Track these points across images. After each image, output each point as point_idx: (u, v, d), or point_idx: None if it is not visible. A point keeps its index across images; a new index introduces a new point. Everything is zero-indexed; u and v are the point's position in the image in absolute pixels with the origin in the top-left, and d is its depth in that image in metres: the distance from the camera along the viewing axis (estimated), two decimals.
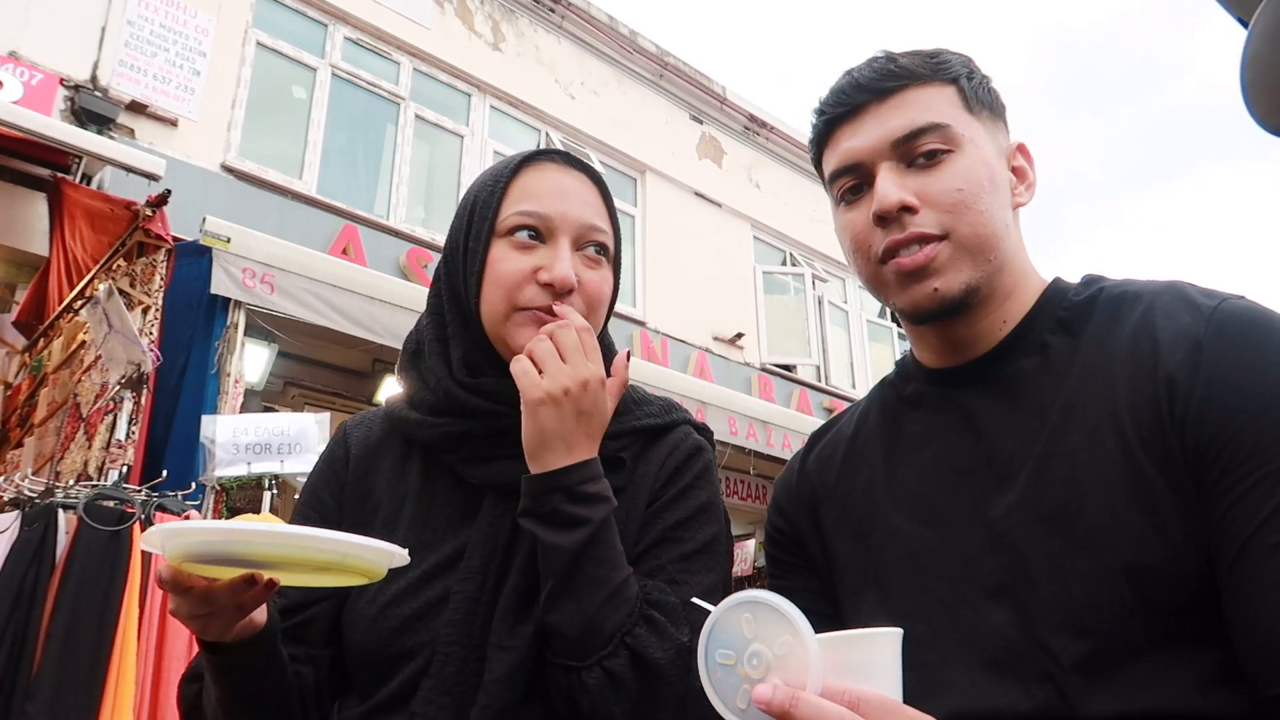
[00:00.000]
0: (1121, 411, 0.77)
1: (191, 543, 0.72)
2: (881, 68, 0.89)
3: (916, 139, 0.86)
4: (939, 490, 0.87)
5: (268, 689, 0.88)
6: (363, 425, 1.08)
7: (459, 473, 0.96)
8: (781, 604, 0.59)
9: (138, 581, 2.78)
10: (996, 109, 0.93)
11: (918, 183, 0.85)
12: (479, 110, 7.70)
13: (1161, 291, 0.83)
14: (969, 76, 0.90)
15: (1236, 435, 0.71)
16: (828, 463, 1.01)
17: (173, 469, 3.36)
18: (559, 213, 0.95)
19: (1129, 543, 0.73)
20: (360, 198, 6.78)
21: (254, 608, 0.80)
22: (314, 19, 6.91)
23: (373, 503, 1.00)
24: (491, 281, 0.94)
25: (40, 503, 2.91)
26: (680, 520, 0.94)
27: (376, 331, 4.52)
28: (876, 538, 0.90)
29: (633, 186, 8.71)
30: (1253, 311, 0.77)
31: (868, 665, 0.59)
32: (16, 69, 5.11)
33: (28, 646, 2.59)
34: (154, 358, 3.56)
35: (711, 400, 6.30)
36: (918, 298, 0.85)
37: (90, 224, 4.43)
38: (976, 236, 0.84)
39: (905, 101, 0.87)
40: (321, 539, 0.73)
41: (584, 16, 8.40)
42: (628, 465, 0.96)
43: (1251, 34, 0.97)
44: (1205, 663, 0.70)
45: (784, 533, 1.02)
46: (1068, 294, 0.89)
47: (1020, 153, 0.94)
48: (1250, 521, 0.69)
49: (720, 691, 0.61)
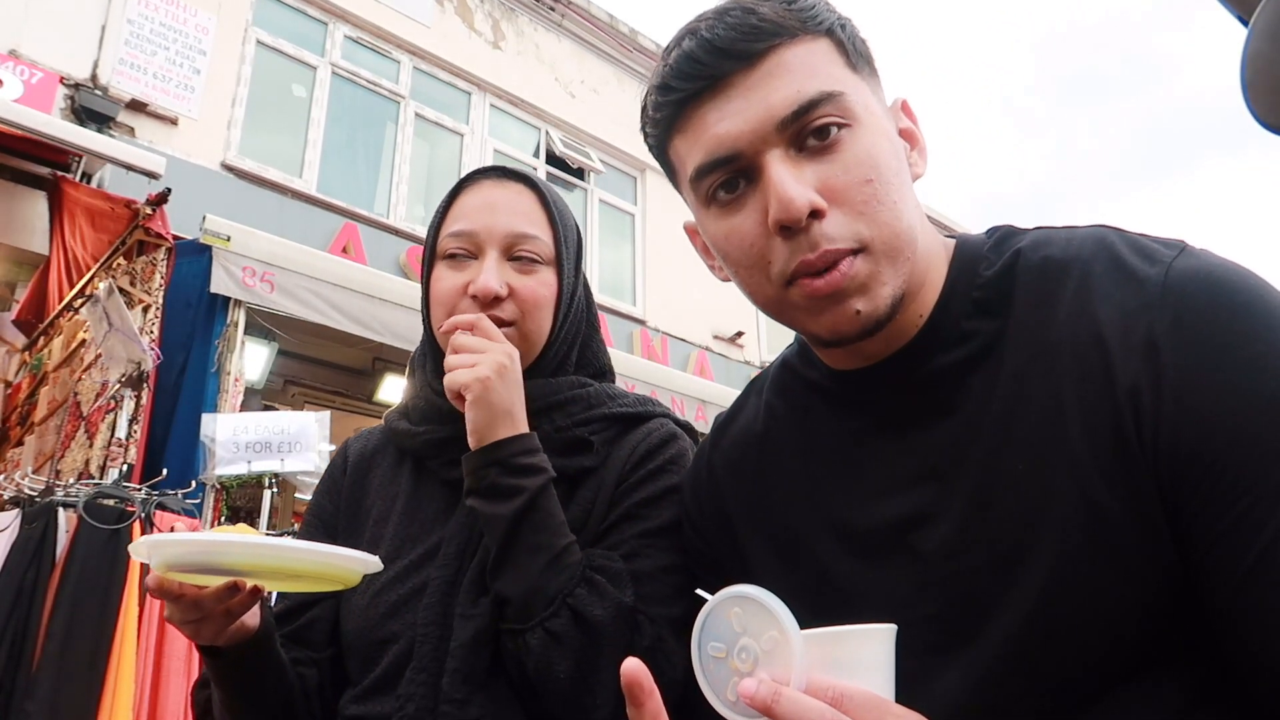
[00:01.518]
0: (1072, 436, 0.66)
1: (173, 554, 0.77)
2: (739, 21, 0.71)
3: (807, 115, 0.69)
4: (862, 514, 0.76)
5: (268, 690, 0.92)
6: (362, 438, 1.16)
7: (441, 476, 1.02)
8: (767, 599, 0.59)
9: (137, 580, 2.78)
10: (871, 59, 0.77)
11: (818, 173, 0.69)
12: (479, 109, 7.70)
13: (1090, 258, 0.70)
14: (840, 24, 0.74)
15: (1216, 459, 0.61)
16: (738, 468, 0.88)
17: (173, 467, 3.36)
18: (484, 227, 1.01)
19: (1094, 595, 0.64)
20: (360, 196, 6.78)
21: (241, 613, 0.84)
22: (314, 17, 6.91)
23: (367, 504, 1.07)
24: (434, 301, 1.03)
25: (40, 501, 2.91)
26: (645, 499, 0.97)
27: (376, 330, 4.52)
28: (804, 573, 0.80)
29: (632, 185, 8.71)
30: (1207, 280, 0.65)
31: (856, 662, 0.59)
32: (17, 67, 5.11)
33: (28, 644, 2.59)
34: (154, 356, 3.56)
35: (711, 399, 6.30)
36: (838, 323, 0.71)
37: (90, 222, 4.43)
38: (895, 237, 0.70)
39: (780, 66, 0.70)
40: (293, 549, 0.79)
41: (584, 15, 8.39)
42: (598, 449, 1.00)
43: (1252, 33, 0.97)
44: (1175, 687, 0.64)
45: (699, 551, 0.92)
46: (978, 266, 0.75)
47: (904, 112, 0.79)
48: (1243, 558, 0.60)
49: (712, 683, 0.61)
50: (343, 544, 1.02)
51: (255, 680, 0.91)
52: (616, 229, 8.47)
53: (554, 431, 1.00)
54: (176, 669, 2.79)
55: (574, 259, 1.07)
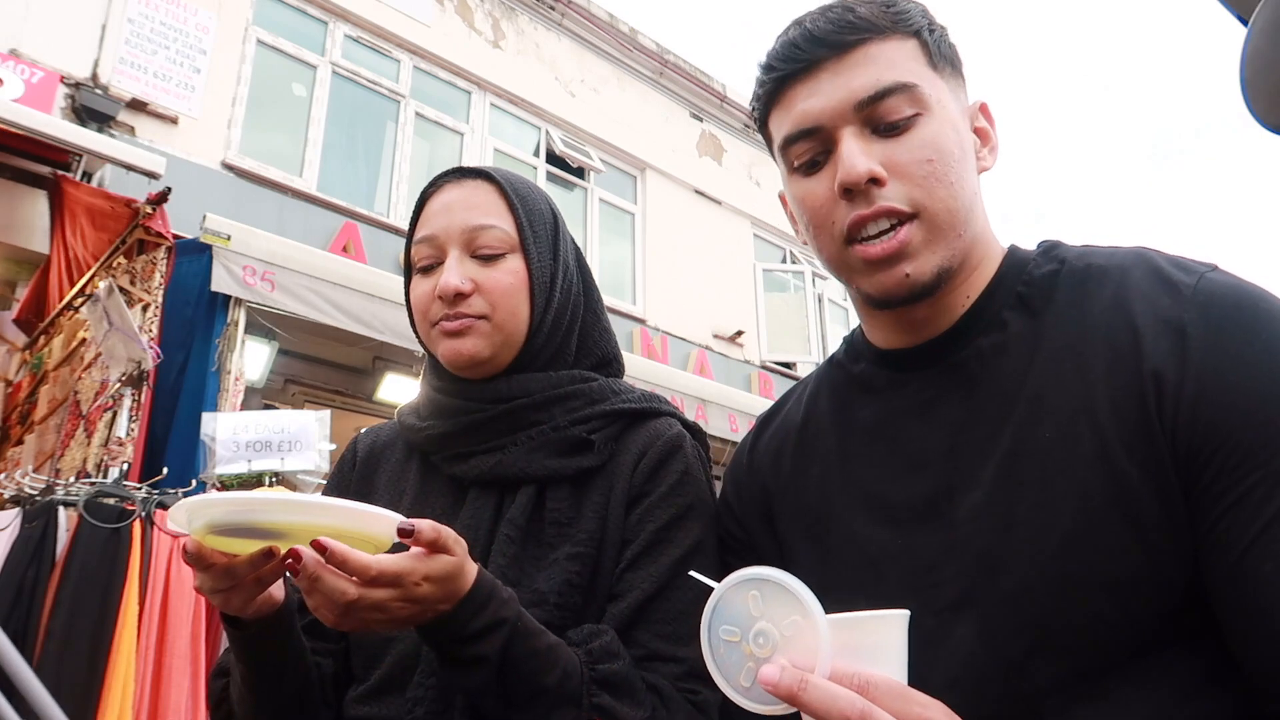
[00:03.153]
0: (1099, 408, 0.71)
1: (215, 515, 0.76)
2: (838, 18, 0.81)
3: (882, 100, 0.78)
4: (895, 487, 0.82)
5: (289, 668, 0.93)
6: (372, 433, 1.18)
7: (445, 470, 1.03)
8: (791, 582, 0.57)
9: (137, 578, 2.78)
10: (957, 64, 0.86)
11: (884, 151, 0.78)
12: (479, 108, 7.70)
13: (1131, 266, 0.76)
14: (930, 28, 0.83)
15: (1230, 436, 0.66)
16: (778, 455, 0.94)
17: (173, 466, 3.36)
18: (442, 229, 1.03)
19: (1108, 555, 0.67)
20: (360, 195, 6.78)
21: (272, 581, 0.84)
22: (314, 16, 6.91)
23: (374, 498, 1.07)
24: (413, 311, 1.06)
25: (41, 500, 2.91)
26: (668, 523, 0.96)
27: (377, 329, 4.52)
28: (833, 541, 0.85)
29: (632, 184, 8.71)
30: (1234, 290, 0.72)
31: (875, 648, 0.58)
32: (17, 67, 5.11)
33: (28, 643, 2.59)
34: (154, 355, 3.56)
35: (711, 398, 6.30)
36: (888, 284, 0.79)
37: (90, 221, 4.43)
38: (948, 212, 0.78)
39: (867, 57, 0.79)
40: (335, 506, 0.79)
41: (584, 14, 8.39)
42: (599, 447, 0.99)
43: (1251, 31, 0.97)
44: (1185, 671, 0.67)
45: (737, 539, 0.96)
46: (1026, 266, 0.82)
47: (982, 113, 0.88)
48: (1250, 527, 0.64)
49: (723, 669, 0.59)
50: None
51: (278, 655, 0.91)
52: (616, 228, 8.47)
53: (552, 430, 0.99)
54: (177, 667, 2.79)
55: (548, 243, 1.05)
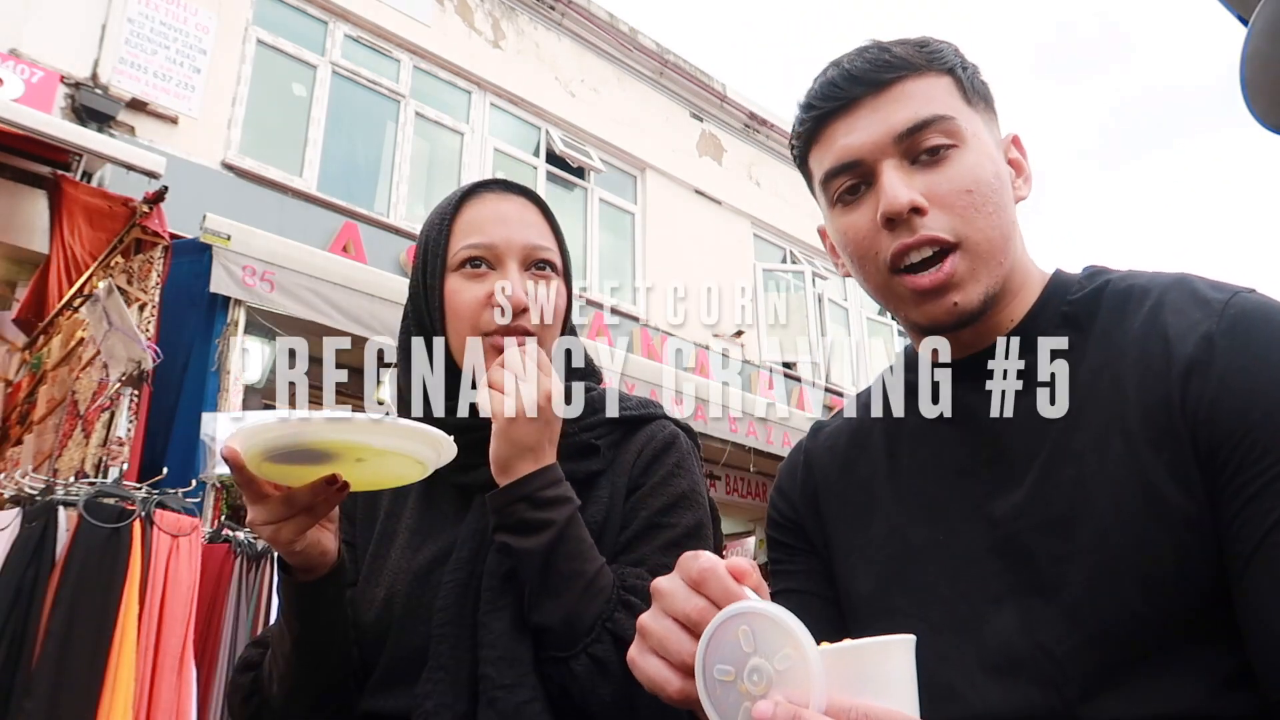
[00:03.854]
0: (1130, 414, 0.74)
1: (268, 439, 0.78)
2: (875, 58, 0.84)
3: (920, 133, 0.82)
4: (940, 487, 0.85)
5: (337, 631, 0.96)
6: None
7: (451, 480, 1.04)
8: (780, 614, 0.54)
9: (137, 578, 2.78)
10: (989, 99, 0.90)
11: (925, 181, 0.81)
12: (479, 108, 7.69)
13: (1170, 286, 0.80)
14: (962, 66, 0.87)
15: (1250, 433, 0.69)
16: (830, 452, 0.99)
17: (173, 466, 3.35)
18: (503, 239, 1.03)
19: (1139, 549, 0.71)
20: (360, 195, 6.78)
21: (325, 511, 0.87)
22: (314, 16, 6.91)
23: (381, 498, 1.11)
24: (453, 313, 1.03)
25: (41, 500, 2.91)
26: (663, 507, 0.99)
27: (377, 329, 4.51)
28: (875, 531, 0.89)
29: (633, 184, 8.71)
30: (1265, 306, 0.75)
31: (879, 677, 0.55)
32: (17, 66, 5.11)
33: (27, 643, 2.59)
34: (153, 355, 3.56)
35: (711, 397, 6.30)
36: (936, 314, 0.82)
37: (90, 221, 4.42)
38: (989, 241, 0.81)
39: (904, 93, 0.83)
40: (382, 424, 0.81)
41: (584, 14, 8.39)
42: (603, 452, 1.03)
43: (1251, 32, 0.97)
44: (1216, 666, 0.69)
45: (786, 516, 1.01)
46: (1071, 287, 0.86)
47: (1015, 145, 0.91)
48: (1264, 521, 0.67)
49: (721, 711, 0.56)
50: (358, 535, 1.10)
51: (328, 612, 0.94)
52: (616, 228, 8.47)
53: (562, 438, 1.01)
54: (175, 668, 2.79)
55: (569, 270, 1.11)
